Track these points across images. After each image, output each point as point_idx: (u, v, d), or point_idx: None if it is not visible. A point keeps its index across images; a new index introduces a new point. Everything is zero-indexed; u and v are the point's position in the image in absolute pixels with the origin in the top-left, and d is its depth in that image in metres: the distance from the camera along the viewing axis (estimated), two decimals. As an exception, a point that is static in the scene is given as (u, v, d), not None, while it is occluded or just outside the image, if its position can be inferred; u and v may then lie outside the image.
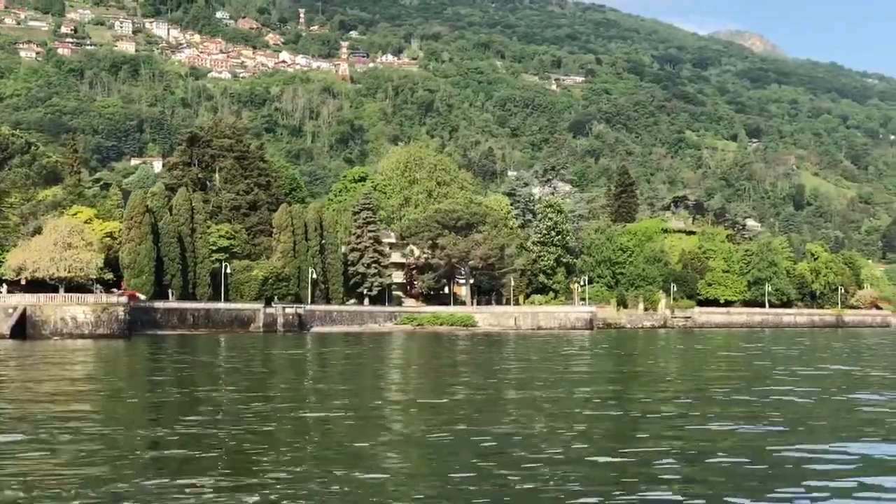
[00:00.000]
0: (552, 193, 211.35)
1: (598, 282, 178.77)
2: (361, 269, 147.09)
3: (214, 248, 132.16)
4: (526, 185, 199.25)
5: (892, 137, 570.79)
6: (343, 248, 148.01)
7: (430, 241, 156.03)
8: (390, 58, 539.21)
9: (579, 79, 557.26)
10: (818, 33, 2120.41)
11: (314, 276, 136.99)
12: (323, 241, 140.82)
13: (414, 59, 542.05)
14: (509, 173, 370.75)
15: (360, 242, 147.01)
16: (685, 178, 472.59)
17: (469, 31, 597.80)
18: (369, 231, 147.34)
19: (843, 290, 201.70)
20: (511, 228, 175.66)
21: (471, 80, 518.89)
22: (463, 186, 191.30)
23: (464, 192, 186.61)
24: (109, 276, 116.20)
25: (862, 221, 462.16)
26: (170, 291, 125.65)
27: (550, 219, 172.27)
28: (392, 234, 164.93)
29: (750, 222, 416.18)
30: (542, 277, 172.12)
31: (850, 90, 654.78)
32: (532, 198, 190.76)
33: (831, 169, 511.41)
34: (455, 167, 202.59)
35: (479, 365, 61.39)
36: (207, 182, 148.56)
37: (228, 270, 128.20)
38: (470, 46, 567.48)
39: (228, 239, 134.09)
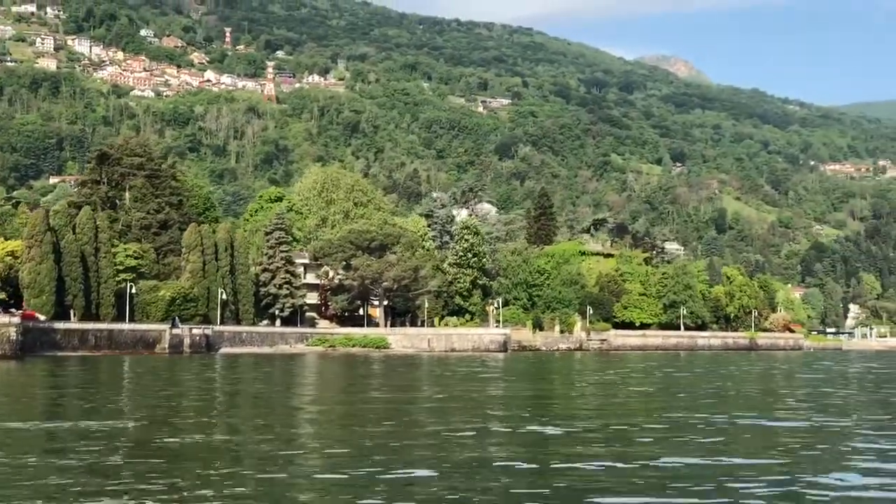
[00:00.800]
0: (472, 215, 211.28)
1: (514, 304, 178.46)
2: (273, 290, 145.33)
3: (121, 267, 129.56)
4: (444, 206, 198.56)
5: (812, 163, 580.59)
6: (255, 269, 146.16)
7: (344, 262, 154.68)
8: (317, 78, 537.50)
9: (506, 101, 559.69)
10: (742, 60, 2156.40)
11: (224, 296, 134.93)
12: (233, 262, 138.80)
13: (340, 79, 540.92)
14: (433, 194, 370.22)
15: (271, 263, 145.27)
16: (610, 201, 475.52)
17: (396, 52, 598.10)
18: (281, 251, 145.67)
19: (756, 314, 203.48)
20: (428, 250, 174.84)
21: (397, 101, 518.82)
22: (380, 207, 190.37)
23: (381, 212, 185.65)
24: (2, 295, 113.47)
25: (782, 245, 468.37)
26: (72, 312, 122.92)
27: (467, 240, 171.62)
28: (307, 254, 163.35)
29: (673, 246, 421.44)
30: (458, 299, 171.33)
31: (772, 116, 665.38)
32: (450, 219, 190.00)
33: (753, 193, 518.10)
34: (372, 188, 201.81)
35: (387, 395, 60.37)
36: (117, 201, 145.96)
37: (134, 291, 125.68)
38: (397, 68, 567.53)
39: (136, 258, 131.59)
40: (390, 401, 50.13)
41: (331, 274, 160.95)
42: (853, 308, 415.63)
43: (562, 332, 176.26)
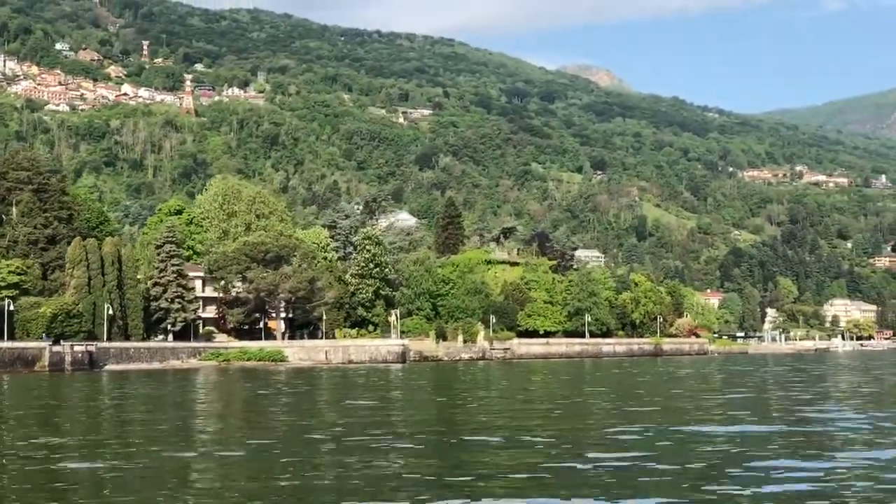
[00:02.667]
0: (389, 227, 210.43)
1: (417, 314, 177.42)
2: (164, 304, 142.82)
3: (3, 283, 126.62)
4: (347, 217, 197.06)
5: (731, 169, 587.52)
6: (146, 283, 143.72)
7: (240, 275, 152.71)
8: (236, 91, 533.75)
9: (427, 112, 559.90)
10: (663, 69, 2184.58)
11: (111, 311, 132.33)
12: (121, 276, 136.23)
13: (260, 92, 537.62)
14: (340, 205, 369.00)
15: (162, 277, 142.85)
16: (531, 210, 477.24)
17: (317, 64, 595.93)
18: (173, 265, 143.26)
19: (661, 319, 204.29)
20: (330, 261, 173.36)
21: (317, 113, 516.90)
22: (283, 219, 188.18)
23: (284, 224, 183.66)
24: None
25: (701, 251, 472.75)
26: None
27: (369, 251, 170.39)
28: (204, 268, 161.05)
29: (593, 253, 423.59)
30: (361, 310, 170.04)
31: (692, 124, 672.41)
32: (353, 230, 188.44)
33: (672, 200, 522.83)
34: (275, 199, 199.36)
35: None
36: (3, 216, 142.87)
37: (12, 308, 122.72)
38: (317, 80, 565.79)
39: (18, 274, 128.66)
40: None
41: (229, 287, 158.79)
42: (770, 312, 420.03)
43: (465, 341, 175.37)
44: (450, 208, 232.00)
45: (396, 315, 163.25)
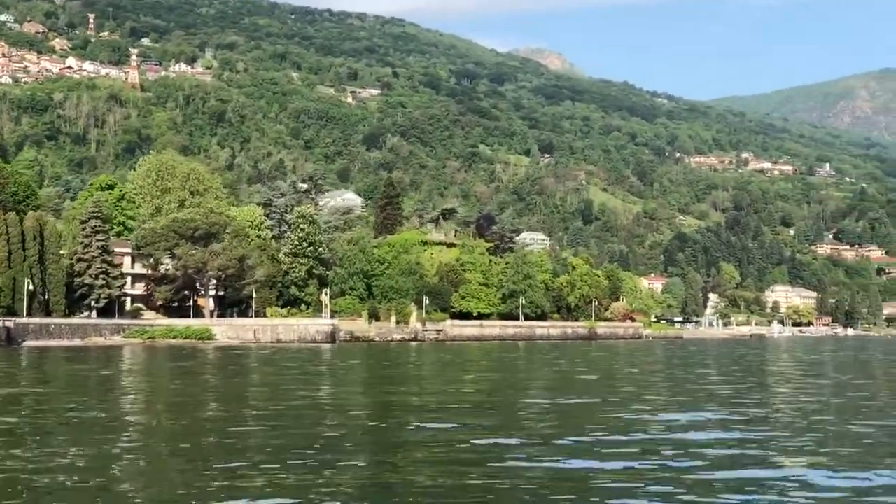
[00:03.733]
0: (318, 204, 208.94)
1: (350, 294, 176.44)
2: (88, 280, 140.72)
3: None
4: (283, 195, 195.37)
5: (678, 155, 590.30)
6: (71, 259, 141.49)
7: (168, 252, 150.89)
8: (183, 67, 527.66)
9: (375, 92, 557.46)
10: (614, 54, 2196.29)
11: (31, 287, 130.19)
12: (43, 251, 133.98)
13: (208, 68, 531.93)
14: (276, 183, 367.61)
15: (87, 252, 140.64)
16: (478, 192, 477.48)
17: (266, 41, 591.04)
18: (98, 240, 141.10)
19: (597, 303, 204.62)
20: (263, 239, 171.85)
21: (265, 90, 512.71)
22: (217, 196, 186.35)
23: (218, 202, 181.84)
24: None
25: (646, 236, 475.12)
26: None
27: (302, 230, 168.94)
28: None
29: (537, 235, 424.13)
30: (294, 289, 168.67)
31: (640, 109, 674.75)
32: (289, 208, 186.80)
33: (619, 185, 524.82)
34: (210, 176, 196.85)
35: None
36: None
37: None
38: (266, 57, 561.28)
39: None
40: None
41: (157, 264, 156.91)
42: (713, 297, 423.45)
43: (398, 322, 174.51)
44: (389, 188, 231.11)
45: (327, 294, 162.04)
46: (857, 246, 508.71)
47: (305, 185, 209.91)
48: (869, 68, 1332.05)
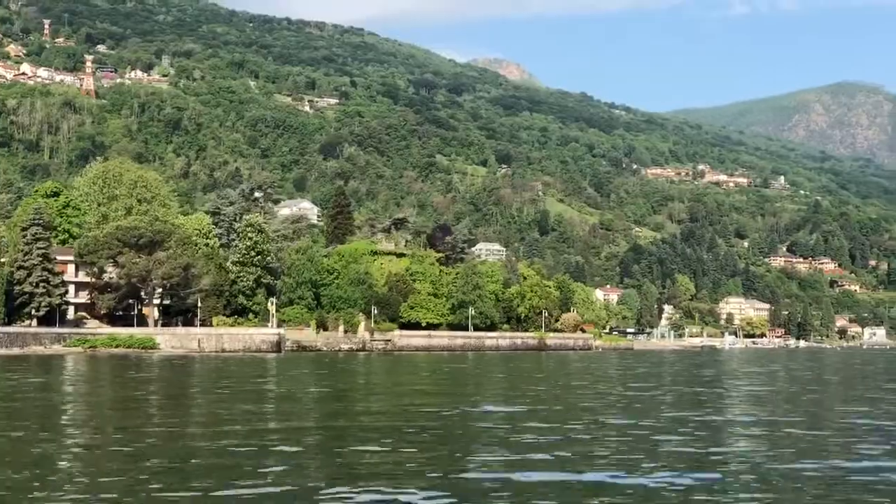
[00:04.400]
0: (271, 212, 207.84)
1: (298, 303, 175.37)
2: (28, 289, 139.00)
3: None
4: (232, 203, 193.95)
5: (635, 167, 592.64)
6: (11, 266, 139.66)
7: (111, 260, 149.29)
8: (140, 74, 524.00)
9: (333, 101, 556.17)
10: (573, 65, 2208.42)
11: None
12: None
13: (164, 75, 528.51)
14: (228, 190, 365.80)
15: (27, 260, 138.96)
16: (435, 202, 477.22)
17: (224, 49, 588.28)
18: (39, 248, 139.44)
19: (547, 314, 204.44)
20: (211, 248, 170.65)
21: (222, 99, 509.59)
22: (166, 204, 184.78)
23: (165, 209, 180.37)
24: None
25: (602, 247, 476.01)
26: None
27: (250, 238, 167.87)
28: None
29: (493, 246, 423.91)
30: (241, 298, 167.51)
31: (598, 120, 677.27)
32: (237, 217, 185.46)
33: (576, 196, 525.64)
34: (159, 183, 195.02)
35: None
36: None
37: None
38: (223, 65, 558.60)
39: None
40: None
41: (100, 272, 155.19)
42: (668, 309, 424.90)
43: (346, 332, 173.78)
44: (339, 198, 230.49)
45: (273, 303, 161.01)
46: (810, 258, 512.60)
47: (260, 194, 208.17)
48: (824, 82, 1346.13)
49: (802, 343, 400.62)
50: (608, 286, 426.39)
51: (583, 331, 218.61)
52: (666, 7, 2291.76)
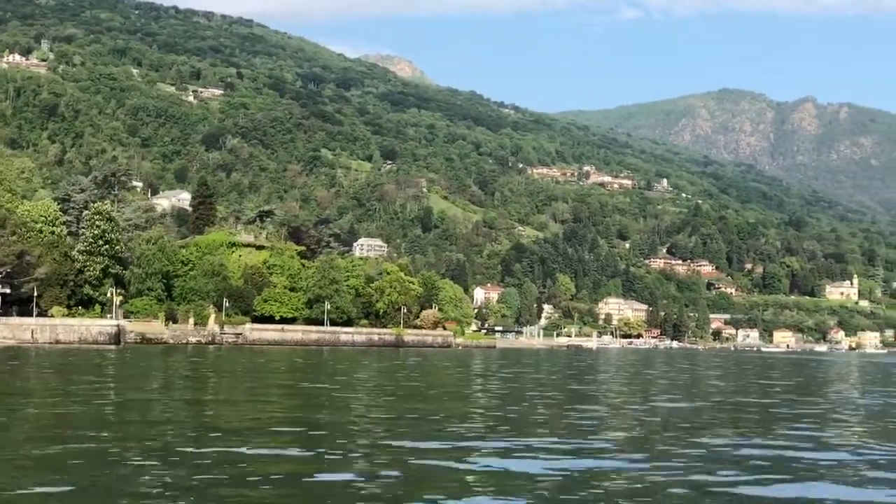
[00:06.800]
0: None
1: (148, 294, 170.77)
2: None
3: None
4: (83, 190, 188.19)
5: (521, 166, 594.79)
6: None
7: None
8: (18, 58, 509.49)
9: (218, 91, 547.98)
10: (464, 64, 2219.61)
11: None
12: None
13: (43, 60, 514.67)
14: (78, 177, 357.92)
15: None
16: (318, 197, 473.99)
17: (107, 36, 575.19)
18: None
19: (406, 310, 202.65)
20: (58, 235, 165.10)
21: (102, 86, 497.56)
22: (11, 189, 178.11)
23: (12, 195, 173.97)
24: None
25: (485, 245, 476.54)
26: None
27: (98, 227, 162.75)
28: None
29: (375, 242, 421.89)
30: (87, 289, 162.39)
31: (486, 119, 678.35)
32: (89, 205, 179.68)
33: (460, 193, 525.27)
34: (5, 168, 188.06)
35: None
36: None
37: None
38: (106, 52, 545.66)
39: None
40: None
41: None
42: (547, 308, 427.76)
43: (196, 325, 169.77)
44: (202, 188, 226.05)
45: (113, 293, 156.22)
46: (689, 261, 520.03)
47: (107, 181, 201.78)
48: (709, 88, 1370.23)
49: (675, 344, 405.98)
50: (489, 284, 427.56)
51: (444, 328, 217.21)
52: (557, 11, 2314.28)
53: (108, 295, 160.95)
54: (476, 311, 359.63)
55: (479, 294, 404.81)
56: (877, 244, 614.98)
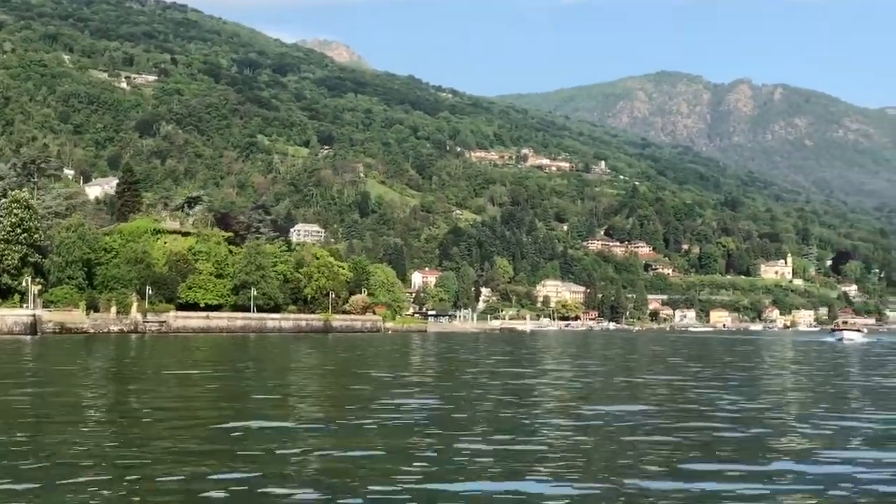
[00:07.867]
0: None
1: (68, 283, 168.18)
2: None
3: None
4: (1, 178, 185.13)
5: (459, 149, 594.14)
6: None
7: None
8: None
9: (151, 78, 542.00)
10: (402, 48, 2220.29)
11: None
12: None
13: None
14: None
15: None
16: (255, 183, 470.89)
17: (38, 21, 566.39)
18: None
19: (334, 296, 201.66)
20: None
21: (33, 72, 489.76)
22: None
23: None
24: None
25: (422, 229, 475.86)
26: None
27: (16, 215, 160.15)
28: None
29: (312, 227, 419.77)
30: (5, 278, 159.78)
31: (424, 103, 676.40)
32: (5, 192, 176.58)
33: (397, 178, 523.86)
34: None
35: None
36: None
37: None
38: (36, 38, 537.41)
39: None
40: None
41: None
42: (485, 291, 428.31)
43: (118, 313, 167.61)
44: (126, 174, 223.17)
45: (30, 282, 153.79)
46: (626, 242, 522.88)
47: (27, 168, 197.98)
48: (647, 70, 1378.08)
49: (612, 325, 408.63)
50: (427, 269, 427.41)
51: (374, 313, 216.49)
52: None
53: (25, 284, 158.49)
54: (414, 295, 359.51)
55: (416, 278, 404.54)
56: (811, 223, 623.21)
